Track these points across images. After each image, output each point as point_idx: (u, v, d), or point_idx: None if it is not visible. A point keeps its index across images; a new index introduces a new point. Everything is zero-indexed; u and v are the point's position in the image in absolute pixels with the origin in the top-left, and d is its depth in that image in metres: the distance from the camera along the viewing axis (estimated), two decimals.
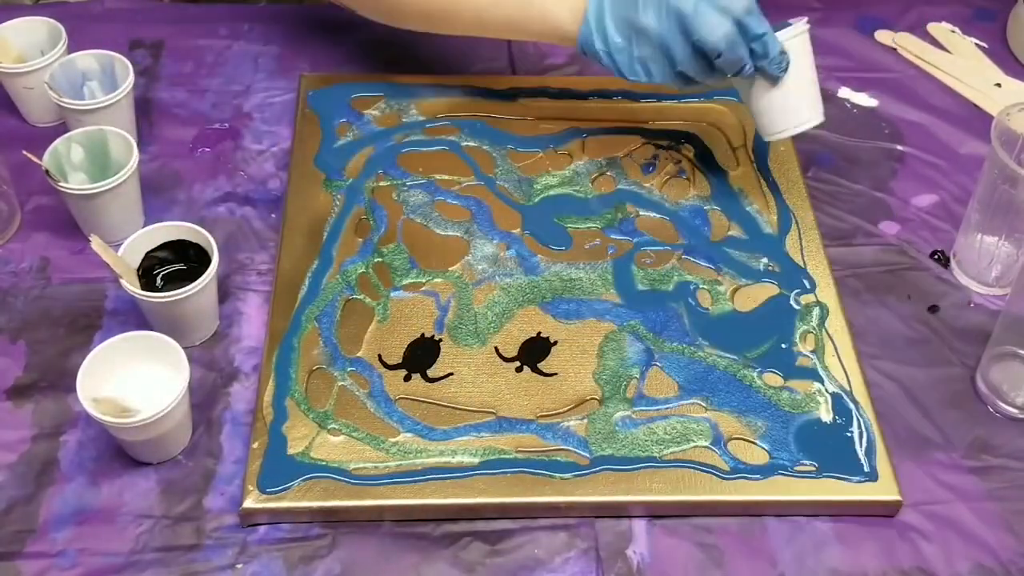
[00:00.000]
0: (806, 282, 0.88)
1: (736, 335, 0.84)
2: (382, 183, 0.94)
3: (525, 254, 0.89)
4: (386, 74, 1.05)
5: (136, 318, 0.84)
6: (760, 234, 0.92)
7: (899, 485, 0.76)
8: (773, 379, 0.82)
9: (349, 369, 0.81)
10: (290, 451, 0.76)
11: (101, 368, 0.75)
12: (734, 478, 0.76)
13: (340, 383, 0.80)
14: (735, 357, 0.83)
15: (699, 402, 0.80)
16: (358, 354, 0.82)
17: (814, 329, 0.85)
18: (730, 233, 0.92)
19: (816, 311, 0.86)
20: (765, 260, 0.90)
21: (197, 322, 0.83)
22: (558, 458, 0.77)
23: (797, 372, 0.82)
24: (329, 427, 0.78)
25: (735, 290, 0.88)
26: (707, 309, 0.86)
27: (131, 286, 0.79)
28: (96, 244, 0.78)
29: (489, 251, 0.89)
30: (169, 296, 0.79)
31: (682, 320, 0.85)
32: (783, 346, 0.84)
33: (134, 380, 0.76)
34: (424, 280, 0.87)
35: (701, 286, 0.87)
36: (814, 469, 0.77)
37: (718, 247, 0.91)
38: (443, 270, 0.88)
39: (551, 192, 0.94)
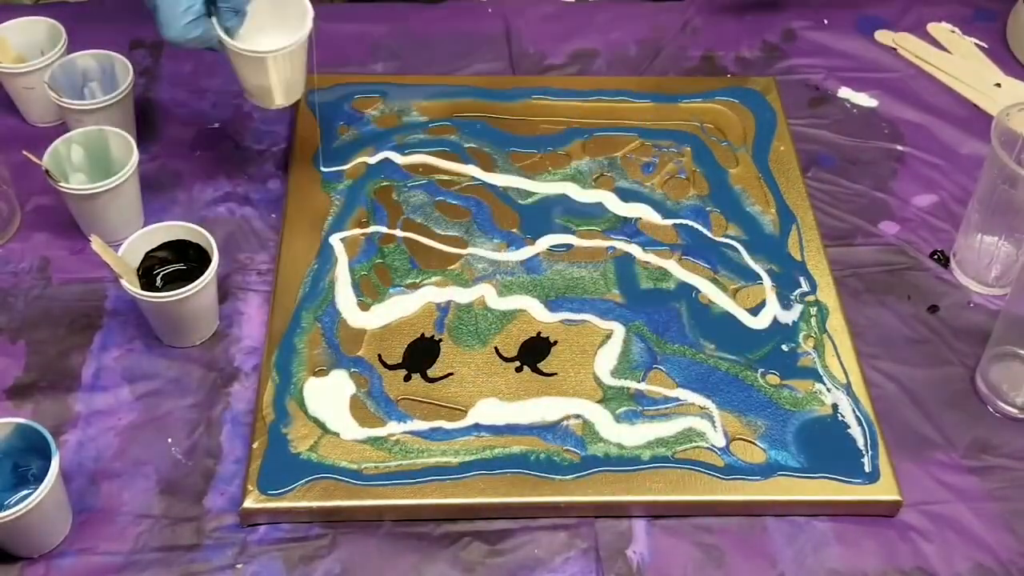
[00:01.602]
0: (806, 282, 0.88)
1: (738, 336, 0.84)
2: (382, 183, 0.94)
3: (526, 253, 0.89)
4: (386, 74, 1.05)
5: (136, 318, 0.84)
6: (760, 234, 0.92)
7: (899, 485, 0.76)
8: (775, 379, 0.82)
9: (350, 369, 0.81)
10: (290, 451, 0.76)
11: None
12: (734, 478, 0.76)
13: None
14: (737, 359, 0.83)
15: (700, 402, 0.80)
16: (358, 354, 0.82)
17: (814, 330, 0.85)
18: (730, 233, 0.92)
19: (816, 311, 0.86)
20: (765, 260, 0.90)
21: (197, 322, 0.83)
22: (558, 458, 0.77)
23: (798, 372, 0.82)
24: (329, 427, 0.78)
25: (736, 291, 0.87)
26: (708, 310, 0.86)
27: (131, 286, 0.79)
28: (96, 244, 0.78)
29: (489, 250, 0.89)
30: (169, 296, 0.79)
31: (683, 320, 0.85)
32: (784, 347, 0.84)
33: None
34: (424, 280, 0.87)
35: (702, 287, 0.87)
36: (814, 469, 0.77)
37: (718, 247, 0.91)
38: (443, 269, 0.88)
39: (551, 192, 0.94)
